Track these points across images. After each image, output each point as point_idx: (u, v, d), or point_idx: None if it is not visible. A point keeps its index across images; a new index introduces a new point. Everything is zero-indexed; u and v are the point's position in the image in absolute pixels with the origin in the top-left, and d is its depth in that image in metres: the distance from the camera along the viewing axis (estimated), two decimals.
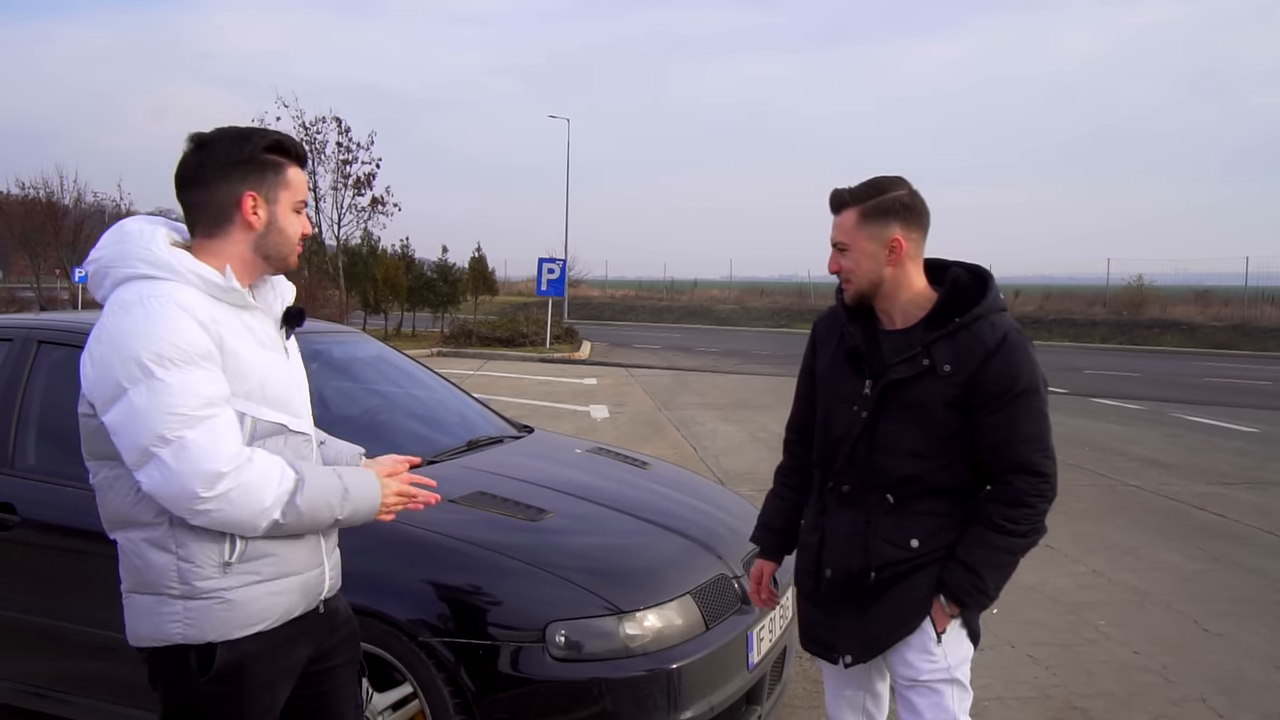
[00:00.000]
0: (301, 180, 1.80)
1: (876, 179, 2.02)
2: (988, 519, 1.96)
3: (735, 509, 3.37)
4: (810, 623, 2.19)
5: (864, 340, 2.06)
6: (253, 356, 1.69)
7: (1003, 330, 1.93)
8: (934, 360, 1.94)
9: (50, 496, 2.81)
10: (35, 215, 34.31)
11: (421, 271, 24.41)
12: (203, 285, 1.65)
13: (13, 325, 3.28)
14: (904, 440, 1.98)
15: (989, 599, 1.99)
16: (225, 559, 1.65)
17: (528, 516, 2.79)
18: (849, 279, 2.04)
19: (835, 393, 2.10)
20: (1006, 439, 1.93)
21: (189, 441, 1.54)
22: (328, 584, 1.87)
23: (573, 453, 3.79)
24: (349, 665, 1.99)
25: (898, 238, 1.97)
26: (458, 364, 17.06)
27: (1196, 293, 33.25)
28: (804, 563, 2.18)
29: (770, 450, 8.92)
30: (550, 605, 2.42)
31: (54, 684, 2.90)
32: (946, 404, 1.94)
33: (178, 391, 1.55)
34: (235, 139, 1.72)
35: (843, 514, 2.08)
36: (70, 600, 2.80)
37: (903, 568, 2.00)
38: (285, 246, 1.78)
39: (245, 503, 1.59)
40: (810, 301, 39.01)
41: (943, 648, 2.01)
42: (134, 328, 1.57)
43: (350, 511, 1.74)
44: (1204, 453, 9.07)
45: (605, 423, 10.48)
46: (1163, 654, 4.07)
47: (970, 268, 2.05)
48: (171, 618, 1.66)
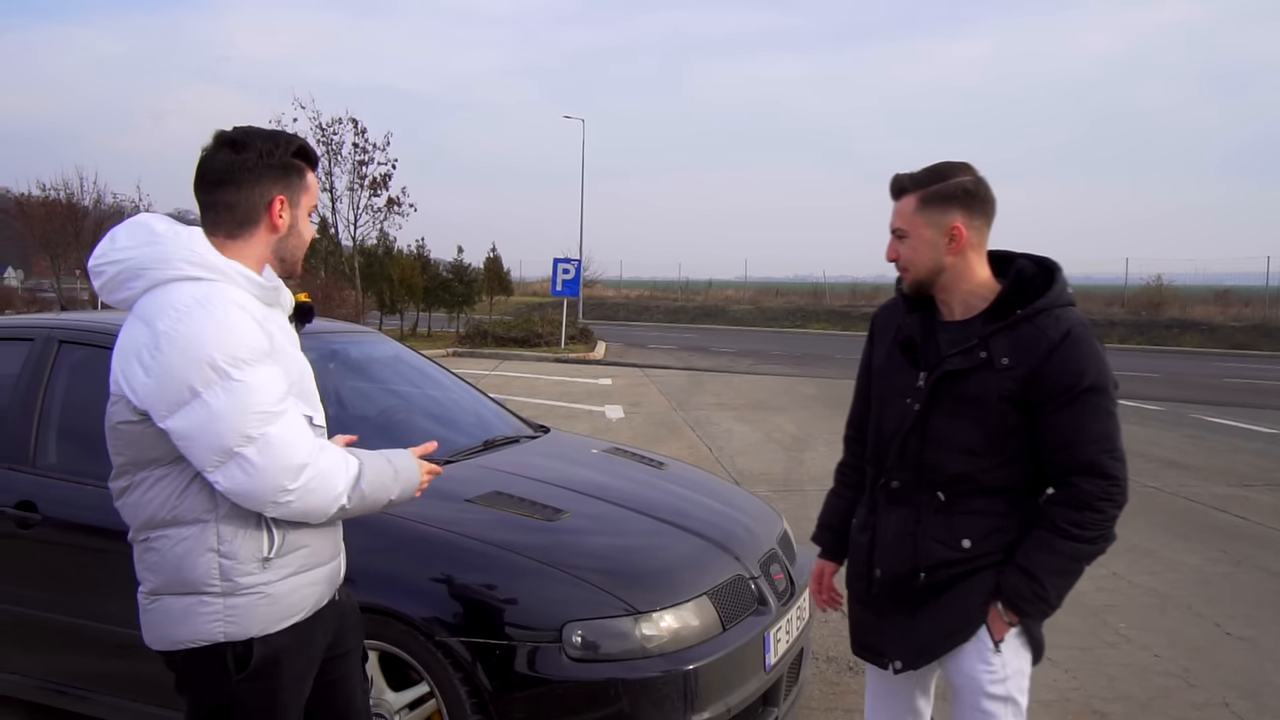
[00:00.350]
0: (316, 186, 1.83)
1: (939, 164, 1.93)
2: (1051, 523, 1.86)
3: (752, 510, 3.36)
4: (860, 626, 2.12)
5: (921, 331, 1.99)
6: (293, 353, 1.75)
7: (1067, 325, 1.84)
8: (991, 353, 1.86)
9: (71, 495, 2.83)
10: (56, 216, 34.64)
11: (437, 272, 24.47)
12: (248, 285, 1.68)
13: (34, 325, 3.31)
14: (957, 435, 1.91)
15: (1050, 608, 1.89)
16: (265, 554, 1.68)
17: (544, 516, 2.79)
18: (906, 267, 1.96)
19: (889, 385, 2.04)
20: (1071, 439, 1.83)
21: (272, 437, 1.58)
22: (342, 569, 1.93)
23: (589, 453, 3.78)
24: (356, 651, 2.02)
25: (959, 225, 1.89)
26: (473, 364, 17.10)
27: (1216, 292, 32.95)
28: (855, 564, 2.11)
29: (785, 451, 8.89)
30: (567, 605, 2.42)
31: (75, 681, 2.93)
32: (1003, 398, 1.86)
33: (257, 389, 1.57)
34: (269, 142, 1.72)
35: (892, 512, 2.00)
36: (90, 598, 2.82)
37: (955, 570, 1.91)
38: (300, 249, 1.81)
39: (323, 490, 1.64)
40: (825, 302, 38.90)
41: (1002, 657, 1.90)
42: (200, 331, 1.56)
43: (400, 491, 1.80)
44: (1224, 454, 8.98)
45: (620, 423, 10.48)
46: (1184, 657, 4.03)
47: (1038, 260, 1.97)
48: (212, 617, 1.66)
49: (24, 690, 3.02)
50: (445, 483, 2.93)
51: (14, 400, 3.05)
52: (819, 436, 9.78)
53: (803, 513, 6.46)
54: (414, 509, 2.66)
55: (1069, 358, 1.82)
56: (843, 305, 38.08)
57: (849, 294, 41.03)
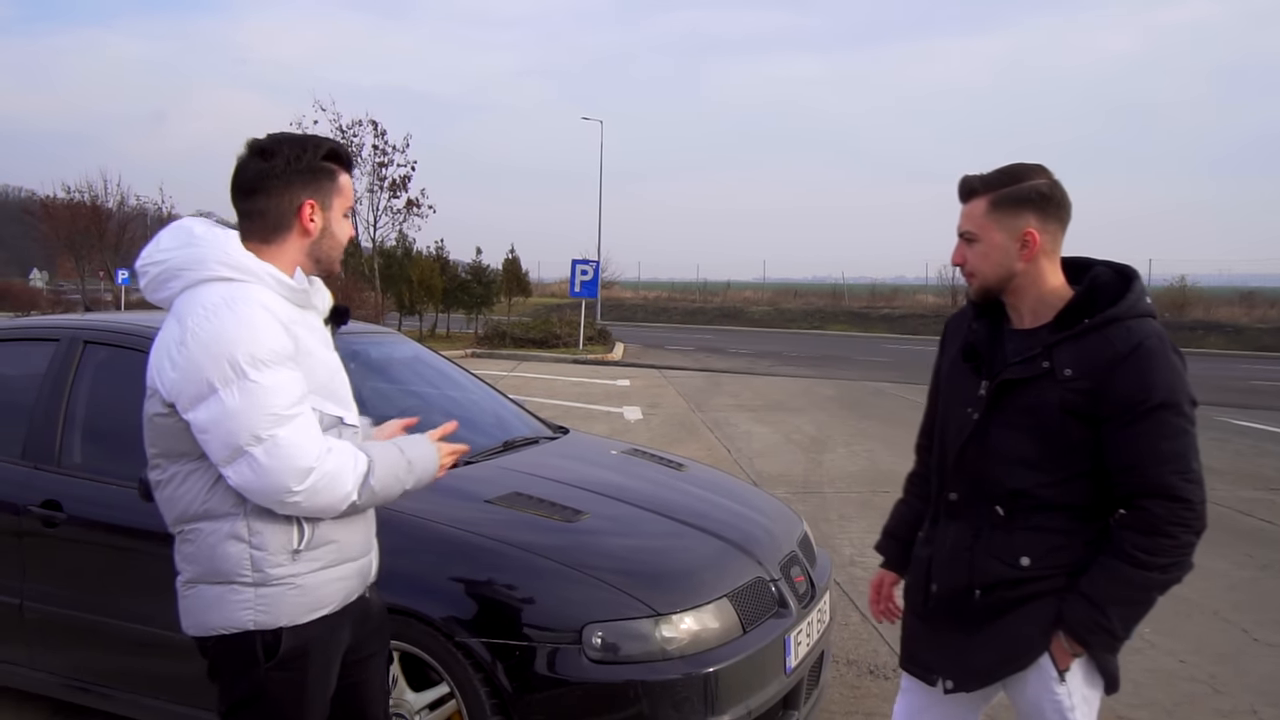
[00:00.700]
0: (350, 186, 1.86)
1: (1012, 165, 1.84)
2: (1119, 549, 1.75)
3: (771, 511, 3.34)
4: (912, 639, 2.04)
5: (988, 339, 1.92)
6: (321, 354, 1.78)
7: (1139, 336, 1.73)
8: (1054, 363, 1.77)
9: (96, 494, 2.86)
10: (80, 218, 35.10)
11: (456, 273, 24.59)
12: (278, 287, 1.73)
13: (59, 326, 3.35)
14: (1016, 448, 1.82)
15: (1117, 640, 1.77)
16: (295, 547, 1.73)
17: (564, 517, 2.78)
18: (974, 273, 1.88)
19: (952, 393, 1.97)
20: (1140, 458, 1.72)
21: (280, 439, 1.62)
22: (374, 566, 1.97)
23: (608, 454, 3.78)
24: (380, 655, 2.05)
25: (1032, 230, 1.80)
26: (492, 365, 17.15)
27: (1241, 294, 32.62)
28: (914, 576, 2.04)
29: (804, 452, 8.86)
30: (586, 606, 2.41)
31: (97, 678, 2.95)
32: (1065, 411, 1.76)
33: (271, 391, 1.62)
34: (296, 148, 1.76)
35: (951, 526, 1.93)
36: (113, 596, 2.85)
37: (1014, 591, 1.82)
38: (336, 251, 1.85)
39: (330, 490, 1.68)
40: (844, 303, 38.77)
41: (1067, 687, 1.80)
42: (224, 330, 1.62)
43: (415, 481, 1.84)
44: (1250, 458, 8.87)
45: (639, 424, 10.47)
46: (1210, 663, 3.98)
47: (1117, 267, 1.87)
48: (243, 605, 1.71)
49: (49, 687, 3.05)
50: (465, 483, 2.96)
51: (40, 400, 3.08)
52: (838, 438, 9.75)
53: (822, 514, 6.44)
54: (434, 509, 2.67)
55: (1137, 371, 1.72)
56: (861, 306, 37.96)
57: (868, 295, 40.89)
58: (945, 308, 35.03)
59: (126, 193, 38.72)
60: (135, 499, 2.32)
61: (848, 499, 6.98)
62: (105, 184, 39.03)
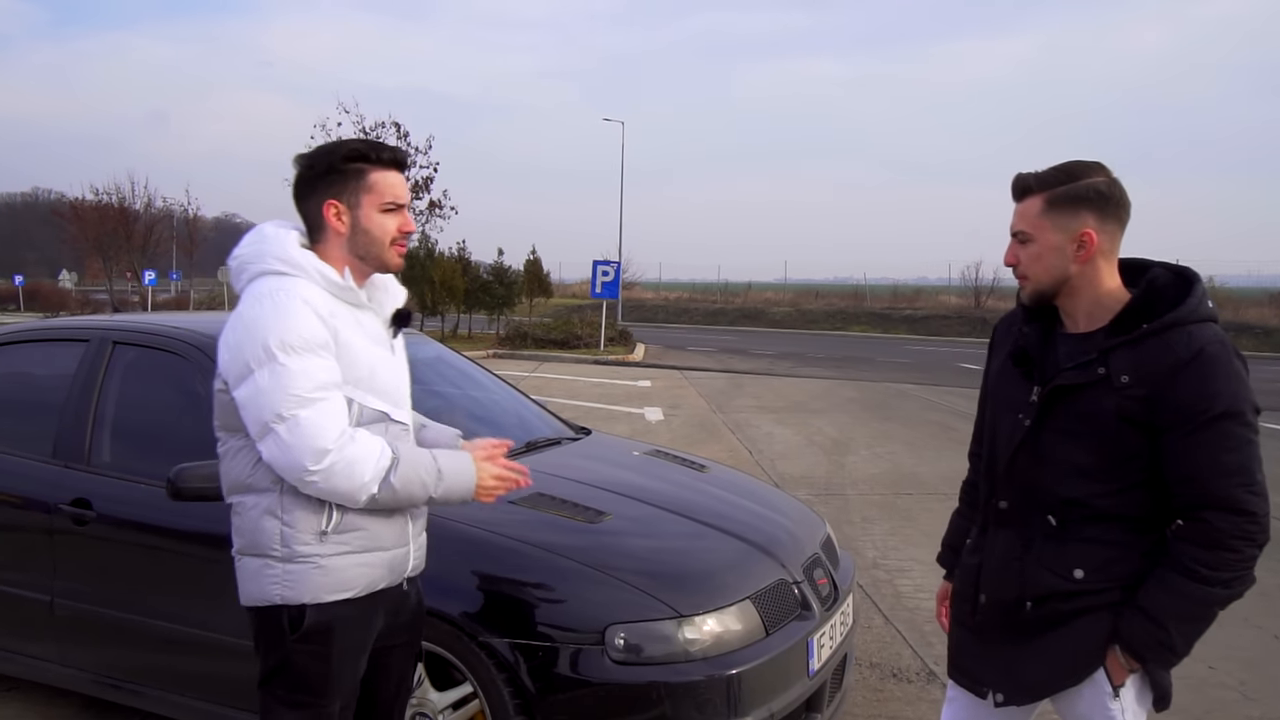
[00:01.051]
0: (388, 182, 1.90)
1: (1069, 163, 1.77)
2: (1178, 562, 1.69)
3: (794, 513, 3.33)
4: (960, 650, 1.99)
5: (1039, 343, 1.86)
6: (363, 349, 1.86)
7: (1200, 342, 1.66)
8: (1110, 369, 1.71)
9: (125, 493, 2.89)
10: (108, 220, 35.53)
11: (478, 274, 24.68)
12: (324, 283, 1.84)
13: (89, 326, 3.39)
14: (1070, 456, 1.76)
15: (1177, 657, 1.72)
16: (323, 528, 1.84)
17: (586, 518, 2.79)
18: (1027, 274, 1.81)
19: (1002, 398, 1.92)
20: (1200, 469, 1.66)
21: (302, 420, 1.74)
22: (412, 563, 2.03)
23: (630, 455, 3.78)
24: (406, 648, 2.13)
25: (1089, 231, 1.73)
26: (513, 366, 17.21)
27: (1271, 295, 32.12)
28: (962, 586, 1.99)
29: (826, 454, 8.82)
30: (609, 607, 2.42)
31: (127, 675, 2.98)
32: (1122, 419, 1.70)
33: (296, 375, 1.74)
34: (319, 154, 1.89)
35: (1000, 534, 1.88)
36: (142, 594, 2.88)
37: (1067, 605, 1.77)
38: (374, 246, 1.91)
39: (347, 475, 1.77)
40: (866, 304, 38.58)
41: (1120, 703, 1.76)
42: (264, 317, 1.77)
43: (444, 491, 1.89)
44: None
45: (660, 425, 10.47)
46: (1240, 670, 3.92)
47: (1176, 269, 1.80)
48: (272, 580, 1.84)
49: (79, 683, 3.09)
50: None
51: (70, 400, 3.12)
52: (859, 440, 9.70)
53: (844, 516, 6.41)
54: (457, 509, 2.68)
55: (1199, 379, 1.65)
56: (883, 307, 37.76)
57: (890, 296, 40.65)
58: (968, 309, 34.78)
59: (153, 195, 39.26)
60: (164, 498, 2.35)
61: (870, 501, 6.94)
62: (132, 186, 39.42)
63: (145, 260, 35.91)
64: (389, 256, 1.93)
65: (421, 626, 2.18)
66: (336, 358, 1.80)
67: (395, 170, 1.92)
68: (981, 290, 35.93)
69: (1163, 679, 1.77)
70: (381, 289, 2.01)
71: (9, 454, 3.17)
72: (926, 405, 12.81)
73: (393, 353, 1.98)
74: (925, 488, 7.38)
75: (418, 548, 2.05)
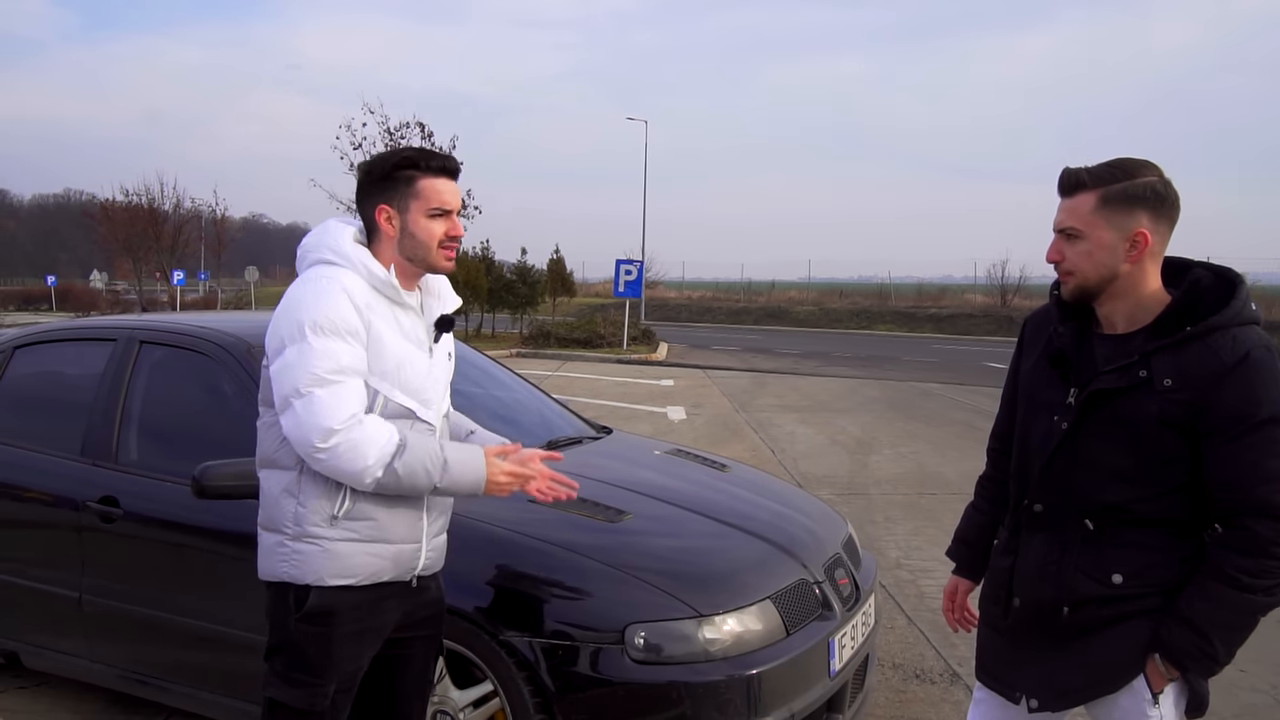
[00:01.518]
0: (437, 189, 1.98)
1: (1122, 160, 1.73)
2: (1218, 570, 1.66)
3: (815, 513, 3.31)
4: (990, 654, 1.96)
5: (1075, 343, 1.83)
6: (394, 344, 1.94)
7: (1246, 346, 1.64)
8: (1153, 372, 1.68)
9: (152, 491, 2.93)
10: (138, 221, 35.96)
11: (501, 273, 24.75)
12: (368, 276, 1.94)
13: (116, 325, 3.43)
14: (1108, 460, 1.73)
15: (1218, 665, 1.69)
16: (334, 512, 1.92)
17: (607, 518, 2.79)
18: (1072, 271, 1.76)
19: (1036, 400, 1.88)
20: (1243, 475, 1.63)
21: (316, 398, 1.82)
22: (423, 561, 2.07)
23: (651, 454, 3.78)
24: (425, 641, 2.19)
25: (1144, 231, 1.69)
26: (536, 365, 17.26)
27: None
28: (992, 588, 1.96)
29: (849, 454, 8.78)
30: (630, 607, 2.42)
31: (154, 671, 3.02)
32: (1163, 424, 1.67)
33: (319, 355, 1.83)
34: (374, 162, 2.00)
35: (1035, 538, 1.84)
36: (169, 591, 2.92)
37: (1105, 610, 1.74)
38: (421, 249, 1.99)
39: (352, 457, 1.83)
40: (891, 303, 38.34)
41: (1159, 710, 1.74)
42: (303, 298, 1.88)
43: (450, 482, 1.93)
44: None
45: (682, 424, 10.46)
46: (1272, 673, 3.86)
47: (1217, 270, 1.77)
48: (282, 557, 1.94)
49: (107, 679, 3.13)
50: None
51: (98, 398, 3.16)
52: (883, 439, 9.64)
53: (867, 516, 6.37)
54: (479, 508, 2.69)
55: (1245, 384, 1.62)
56: (908, 306, 37.50)
57: (915, 295, 40.36)
58: (994, 307, 34.46)
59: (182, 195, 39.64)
60: (189, 496, 2.37)
61: (893, 501, 6.89)
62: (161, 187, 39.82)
63: (174, 260, 36.33)
64: (436, 259, 2.00)
65: (442, 623, 2.22)
66: (366, 347, 1.89)
67: (446, 177, 2.00)
68: (1008, 288, 35.57)
69: (1201, 686, 1.75)
70: (434, 294, 2.10)
71: (39, 452, 3.22)
72: (951, 404, 12.71)
73: (430, 355, 2.04)
74: (949, 487, 7.32)
75: (432, 548, 2.09)
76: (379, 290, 1.94)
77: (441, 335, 2.09)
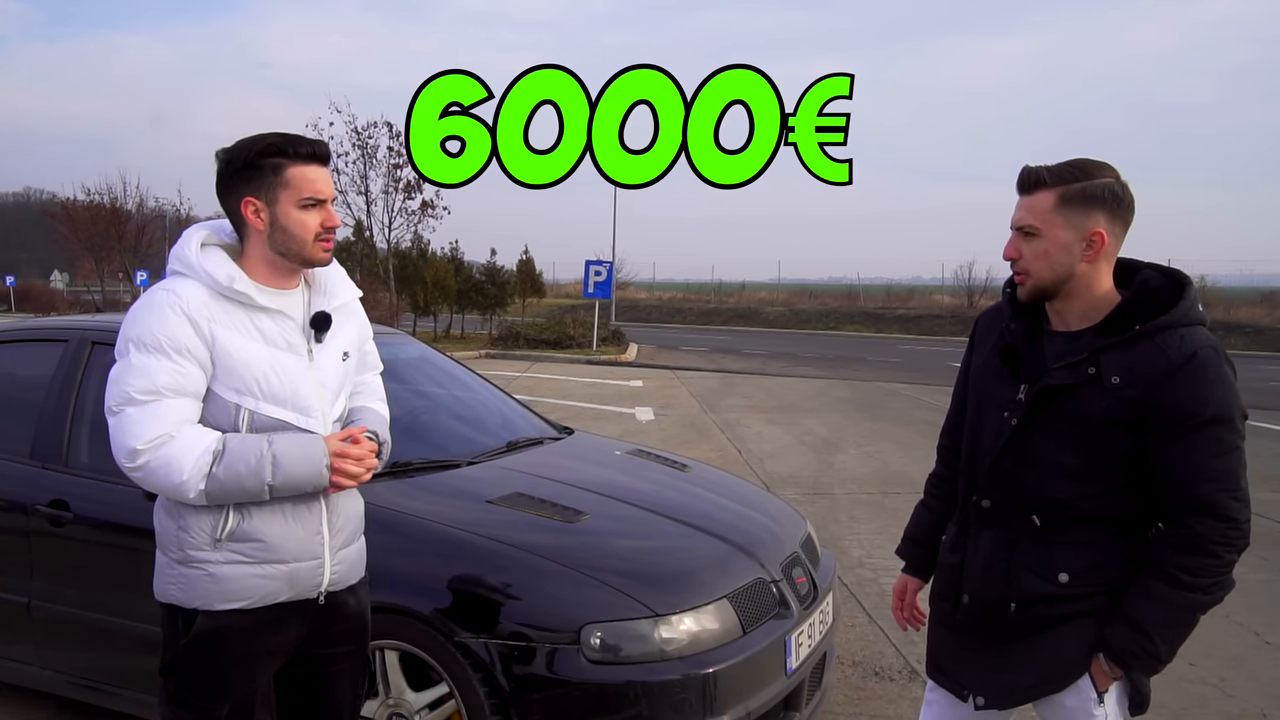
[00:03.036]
0: (308, 177, 1.85)
1: (1080, 160, 1.75)
2: (1161, 569, 1.69)
3: (775, 512, 3.33)
4: (940, 651, 1.98)
5: (1026, 340, 1.85)
6: (252, 353, 1.83)
7: (1193, 346, 1.66)
8: (1101, 370, 1.70)
9: (103, 494, 2.88)
10: (100, 220, 35.35)
11: (470, 274, 24.66)
12: (210, 283, 1.83)
13: (68, 326, 3.37)
14: (1057, 456, 1.75)
15: (1161, 664, 1.72)
16: (216, 535, 1.84)
17: (565, 518, 2.79)
18: (1029, 270, 1.78)
19: (986, 396, 1.90)
20: (1187, 474, 1.66)
21: (126, 416, 1.78)
22: (328, 578, 1.97)
23: (612, 455, 3.78)
24: (350, 657, 2.09)
25: (1100, 230, 1.71)
26: (505, 366, 17.19)
27: (1262, 294, 32.26)
28: (941, 585, 1.97)
29: (816, 454, 8.83)
30: (586, 607, 2.41)
31: (105, 677, 2.97)
32: (1111, 421, 1.69)
33: (135, 372, 1.78)
34: (235, 149, 1.86)
35: (984, 534, 1.86)
36: (120, 595, 2.87)
37: (1053, 609, 1.76)
38: (294, 243, 1.87)
39: (165, 473, 1.77)
40: (860, 304, 38.63)
41: (1104, 709, 1.76)
42: (135, 313, 1.83)
43: (285, 478, 1.82)
44: (1269, 459, 8.76)
45: (650, 425, 10.47)
46: (1221, 667, 3.94)
47: (1166, 271, 1.80)
48: (171, 579, 1.89)
49: (56, 685, 3.07)
50: (468, 484, 2.98)
51: (48, 400, 3.11)
52: (849, 439, 9.71)
53: (831, 515, 6.42)
54: (436, 509, 2.69)
55: (1191, 383, 1.65)
56: (877, 307, 37.80)
57: (883, 296, 40.71)
58: (961, 308, 34.82)
59: (145, 195, 39.04)
60: (140, 499, 2.34)
61: (858, 500, 6.95)
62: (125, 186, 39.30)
63: (137, 260, 35.78)
64: (312, 253, 1.88)
65: (367, 636, 2.14)
66: (213, 363, 1.81)
67: (316, 164, 1.87)
68: (975, 289, 35.98)
69: (1143, 684, 1.78)
70: (321, 290, 1.96)
71: None
72: (918, 404, 12.83)
73: (308, 358, 1.91)
74: (914, 487, 7.36)
75: (339, 561, 1.98)
76: (228, 297, 1.83)
77: (324, 335, 1.94)
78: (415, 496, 2.76)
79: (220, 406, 1.84)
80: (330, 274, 1.99)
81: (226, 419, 1.84)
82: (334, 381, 1.97)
